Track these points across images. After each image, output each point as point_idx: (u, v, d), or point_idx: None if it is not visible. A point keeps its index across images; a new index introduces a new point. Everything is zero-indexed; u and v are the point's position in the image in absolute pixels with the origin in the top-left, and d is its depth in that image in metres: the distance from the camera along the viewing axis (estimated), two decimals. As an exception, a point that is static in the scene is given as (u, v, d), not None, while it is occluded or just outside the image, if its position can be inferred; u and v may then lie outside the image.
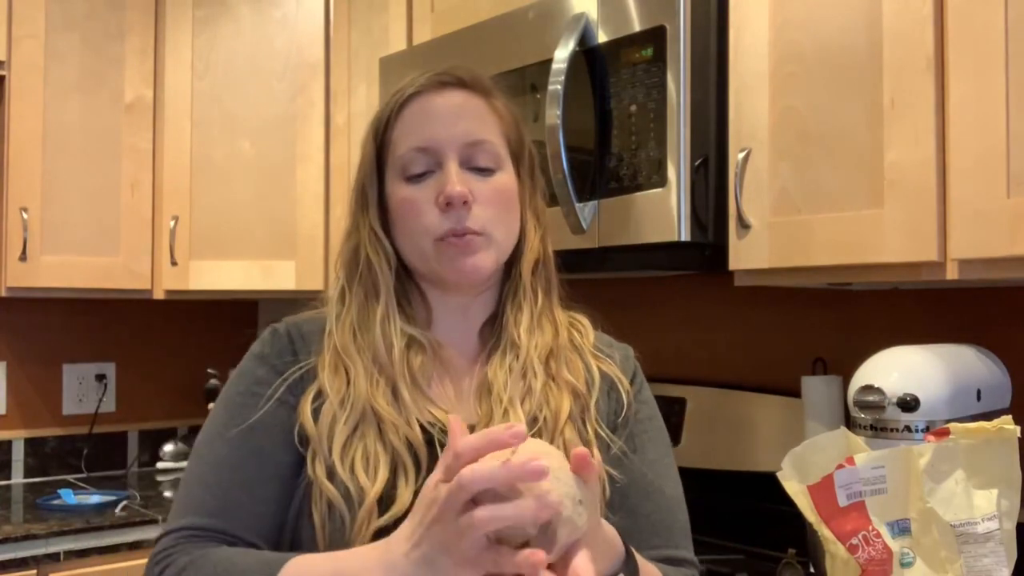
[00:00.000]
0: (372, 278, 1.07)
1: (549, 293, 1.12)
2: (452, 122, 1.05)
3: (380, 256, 1.07)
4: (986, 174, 1.23)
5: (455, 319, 1.10)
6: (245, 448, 1.01)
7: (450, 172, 1.03)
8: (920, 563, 1.14)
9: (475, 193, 1.03)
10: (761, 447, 1.81)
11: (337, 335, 1.05)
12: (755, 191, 1.50)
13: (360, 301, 1.07)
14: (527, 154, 1.12)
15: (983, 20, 1.24)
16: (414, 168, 1.05)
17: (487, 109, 1.08)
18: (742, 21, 1.53)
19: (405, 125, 1.06)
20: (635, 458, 1.07)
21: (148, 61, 2.54)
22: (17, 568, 2.03)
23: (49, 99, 2.40)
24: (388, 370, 1.03)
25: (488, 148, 1.06)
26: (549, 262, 1.13)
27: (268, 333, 1.09)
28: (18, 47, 2.35)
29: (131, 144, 2.51)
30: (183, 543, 0.96)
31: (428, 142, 1.04)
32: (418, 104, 1.06)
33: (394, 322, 1.05)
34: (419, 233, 1.04)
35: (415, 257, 1.07)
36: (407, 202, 1.04)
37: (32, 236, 2.35)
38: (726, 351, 1.98)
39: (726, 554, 1.76)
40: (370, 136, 1.10)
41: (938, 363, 1.30)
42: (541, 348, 1.06)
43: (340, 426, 0.99)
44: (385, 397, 1.01)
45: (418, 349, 1.06)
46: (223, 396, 1.06)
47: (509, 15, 1.82)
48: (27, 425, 2.71)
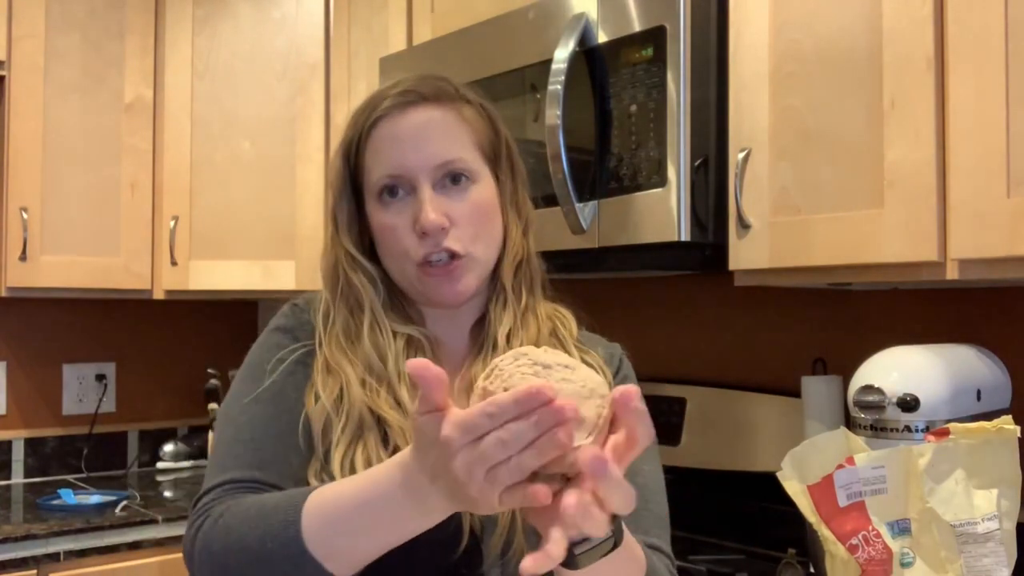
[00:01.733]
0: (354, 294, 1.07)
1: (533, 289, 1.12)
2: (420, 146, 1.04)
3: (358, 273, 1.08)
4: (986, 174, 1.23)
5: (445, 323, 1.11)
6: (276, 406, 1.02)
7: (424, 200, 1.03)
8: (920, 563, 1.14)
9: (452, 216, 1.03)
10: (761, 447, 1.81)
11: (326, 347, 1.05)
12: (755, 191, 1.50)
13: (344, 316, 1.07)
14: (504, 150, 1.10)
15: (983, 20, 1.24)
16: (390, 194, 1.05)
17: (455, 121, 1.07)
18: (742, 21, 1.53)
19: (375, 151, 1.06)
20: None
21: (148, 61, 2.54)
22: (17, 568, 2.03)
23: (49, 99, 2.40)
24: (385, 377, 1.03)
25: (460, 165, 1.05)
26: (532, 257, 1.12)
27: (288, 307, 1.11)
28: (18, 47, 2.35)
29: (131, 144, 2.51)
30: (222, 496, 0.96)
31: (399, 169, 1.04)
32: (385, 128, 1.06)
33: (384, 329, 1.05)
34: (400, 258, 1.05)
35: (400, 278, 1.07)
36: (387, 229, 1.05)
37: (32, 236, 2.35)
38: (726, 351, 1.98)
39: (726, 554, 1.76)
40: (341, 159, 1.10)
41: (938, 363, 1.30)
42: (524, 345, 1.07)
43: (338, 434, 0.99)
44: (388, 402, 1.01)
45: (417, 347, 1.06)
46: (247, 364, 1.08)
47: (509, 15, 1.82)
48: (27, 425, 2.71)
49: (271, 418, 1.02)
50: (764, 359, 1.91)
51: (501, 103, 1.79)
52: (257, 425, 1.02)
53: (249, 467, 0.98)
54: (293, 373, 1.05)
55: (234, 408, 1.04)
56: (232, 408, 1.05)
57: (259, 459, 0.99)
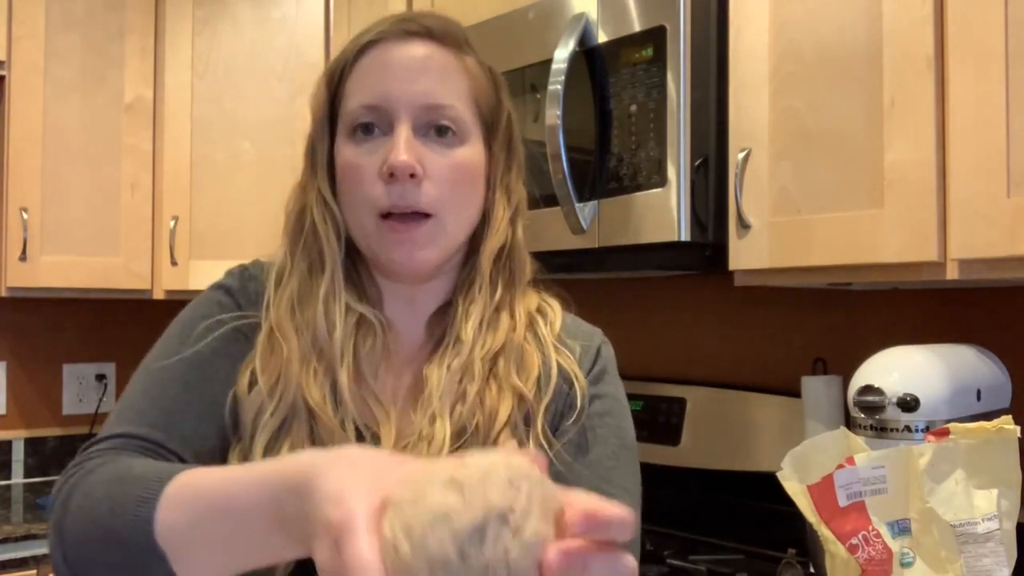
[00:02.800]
0: (318, 246, 0.94)
1: (512, 285, 0.97)
2: (411, 78, 0.90)
3: (328, 224, 0.94)
4: (986, 174, 1.23)
5: (401, 306, 0.97)
6: (199, 371, 0.90)
7: (398, 137, 0.89)
8: (920, 563, 1.14)
9: (427, 166, 0.90)
10: (761, 447, 1.81)
11: (274, 310, 0.93)
12: (755, 191, 1.50)
13: (302, 272, 0.94)
14: (504, 123, 0.97)
15: (983, 20, 1.24)
16: (363, 128, 0.91)
17: (456, 66, 0.94)
18: (742, 21, 1.53)
19: (359, 78, 0.93)
20: (585, 457, 0.94)
21: (148, 61, 2.54)
22: (17, 568, 2.03)
23: (49, 99, 2.40)
24: (328, 354, 0.90)
25: (450, 114, 0.91)
26: (518, 249, 0.98)
27: (238, 268, 1.00)
28: (18, 47, 2.35)
29: (131, 144, 2.51)
30: (108, 451, 0.84)
31: (380, 99, 0.90)
32: (376, 54, 0.93)
33: (339, 299, 0.92)
34: (361, 205, 0.91)
35: (357, 231, 0.94)
36: (352, 168, 0.91)
37: (32, 236, 2.35)
38: (726, 351, 1.98)
39: (726, 554, 1.76)
40: (323, 87, 0.97)
41: (938, 363, 1.30)
42: (489, 347, 0.93)
43: (266, 418, 0.87)
44: (322, 389, 0.88)
45: (368, 331, 0.93)
46: (180, 318, 0.96)
47: (509, 15, 1.82)
48: (27, 425, 2.71)
49: (188, 383, 0.89)
50: (764, 359, 1.91)
51: (501, 103, 1.79)
52: (173, 383, 0.89)
53: (151, 426, 0.86)
54: (229, 342, 0.92)
55: (153, 358, 0.92)
56: (152, 358, 0.92)
57: (166, 421, 0.86)
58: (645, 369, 2.08)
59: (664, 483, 1.95)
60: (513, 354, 0.94)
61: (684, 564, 1.72)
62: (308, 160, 0.97)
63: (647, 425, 1.96)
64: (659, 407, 1.97)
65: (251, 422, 0.87)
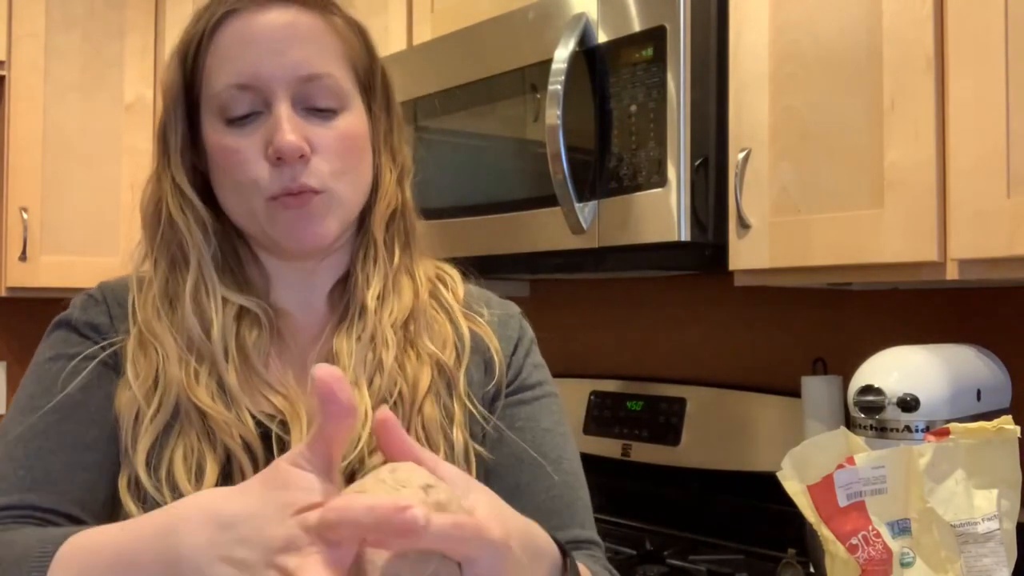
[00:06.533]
0: (177, 239, 0.89)
1: (408, 246, 0.95)
2: (280, 50, 0.84)
3: (187, 216, 0.88)
4: (986, 174, 1.23)
5: (297, 285, 0.93)
6: (61, 413, 0.84)
7: (280, 118, 0.84)
8: (920, 563, 1.14)
9: (313, 142, 0.85)
10: (761, 447, 1.81)
11: (140, 312, 0.88)
12: (755, 191, 1.50)
13: (164, 269, 0.89)
14: (379, 80, 0.93)
15: (983, 20, 1.24)
16: (236, 109, 0.85)
17: (325, 30, 0.88)
18: (742, 21, 1.53)
19: (220, 54, 0.86)
20: (524, 431, 0.92)
21: (148, 61, 2.54)
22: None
23: (49, 99, 2.40)
24: (208, 353, 0.85)
25: (328, 84, 0.86)
26: (408, 210, 0.95)
27: (82, 298, 0.94)
28: (18, 47, 2.35)
29: (131, 144, 2.51)
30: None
31: (251, 78, 0.84)
32: (236, 26, 0.85)
33: (212, 293, 0.87)
34: (246, 190, 0.85)
35: (244, 218, 0.88)
36: (230, 152, 0.85)
37: (32, 236, 2.35)
38: (726, 351, 1.98)
39: (726, 554, 1.76)
40: (175, 65, 0.89)
41: (938, 363, 1.30)
42: (397, 313, 0.90)
43: (146, 424, 0.82)
44: (208, 389, 0.83)
45: (252, 322, 0.88)
46: (30, 370, 0.89)
47: (509, 15, 1.81)
48: (27, 425, 2.71)
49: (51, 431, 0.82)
50: (764, 359, 1.91)
51: (501, 103, 1.79)
52: (35, 438, 0.82)
53: (21, 491, 0.79)
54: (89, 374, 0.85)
55: (8, 421, 0.85)
56: (7, 421, 0.85)
57: (33, 478, 0.80)
58: (645, 369, 2.08)
59: (664, 483, 1.95)
60: (422, 319, 0.91)
61: (684, 564, 1.72)
62: (160, 146, 0.91)
63: (647, 425, 1.96)
64: (659, 407, 1.97)
65: (131, 430, 0.82)
